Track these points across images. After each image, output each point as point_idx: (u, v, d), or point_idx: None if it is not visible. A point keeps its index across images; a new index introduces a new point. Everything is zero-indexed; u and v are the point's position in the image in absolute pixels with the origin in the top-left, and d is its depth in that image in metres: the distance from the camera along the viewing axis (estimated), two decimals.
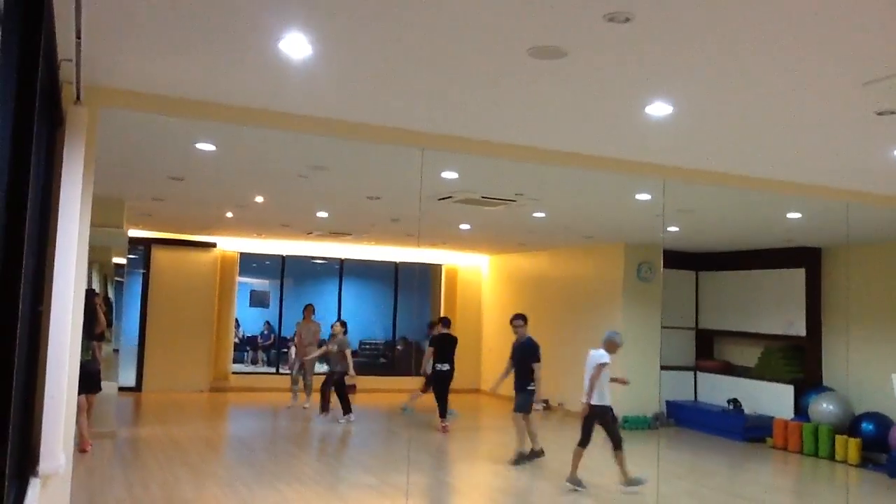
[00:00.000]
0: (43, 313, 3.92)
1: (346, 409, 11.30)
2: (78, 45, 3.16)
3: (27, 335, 3.40)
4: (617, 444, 7.69)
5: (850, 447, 9.76)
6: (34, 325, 3.81)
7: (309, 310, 12.92)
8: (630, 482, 7.67)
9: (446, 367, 11.02)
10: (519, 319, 9.32)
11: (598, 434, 7.72)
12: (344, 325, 11.69)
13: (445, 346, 11.12)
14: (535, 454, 8.94)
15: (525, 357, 9.11)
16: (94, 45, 3.72)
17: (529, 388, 8.96)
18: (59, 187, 3.90)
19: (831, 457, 9.99)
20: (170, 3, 3.21)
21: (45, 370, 3.76)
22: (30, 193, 2.63)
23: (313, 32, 3.52)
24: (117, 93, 4.54)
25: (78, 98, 3.98)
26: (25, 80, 2.50)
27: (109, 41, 3.73)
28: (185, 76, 4.27)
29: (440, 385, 11.03)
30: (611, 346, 7.88)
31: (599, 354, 7.77)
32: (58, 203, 3.87)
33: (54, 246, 3.85)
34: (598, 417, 7.66)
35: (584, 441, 7.70)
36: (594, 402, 7.60)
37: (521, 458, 8.82)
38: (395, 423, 11.75)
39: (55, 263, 3.83)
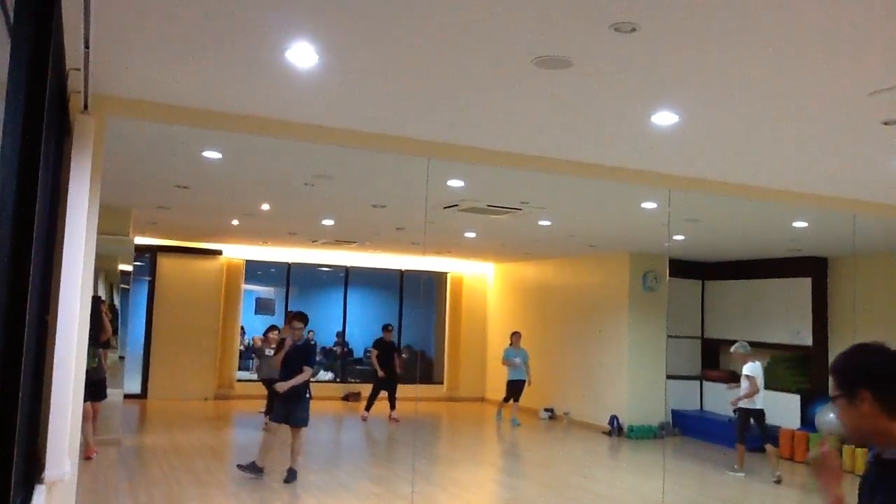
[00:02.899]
0: (49, 321, 3.93)
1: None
2: (86, 54, 3.19)
3: (34, 342, 3.41)
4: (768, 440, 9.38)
5: (857, 458, 9.70)
6: (41, 333, 3.82)
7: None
8: (777, 478, 9.02)
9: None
10: (298, 321, 8.23)
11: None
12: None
13: (385, 350, 12.84)
14: (254, 468, 7.89)
15: (297, 361, 8.04)
16: (102, 54, 3.74)
17: (307, 395, 8.02)
18: (66, 195, 3.92)
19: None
20: (177, 12, 3.23)
21: (51, 377, 3.77)
22: (37, 201, 2.64)
23: (320, 42, 3.54)
24: (124, 102, 4.57)
25: (85, 107, 4.01)
26: (34, 88, 2.51)
27: (117, 51, 3.76)
28: (191, 85, 4.29)
29: (385, 383, 12.79)
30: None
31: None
32: (65, 211, 3.89)
33: (61, 253, 3.86)
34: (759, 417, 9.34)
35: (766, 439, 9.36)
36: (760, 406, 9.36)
37: (290, 474, 7.85)
38: (400, 432, 11.73)
39: (62, 271, 3.84)
